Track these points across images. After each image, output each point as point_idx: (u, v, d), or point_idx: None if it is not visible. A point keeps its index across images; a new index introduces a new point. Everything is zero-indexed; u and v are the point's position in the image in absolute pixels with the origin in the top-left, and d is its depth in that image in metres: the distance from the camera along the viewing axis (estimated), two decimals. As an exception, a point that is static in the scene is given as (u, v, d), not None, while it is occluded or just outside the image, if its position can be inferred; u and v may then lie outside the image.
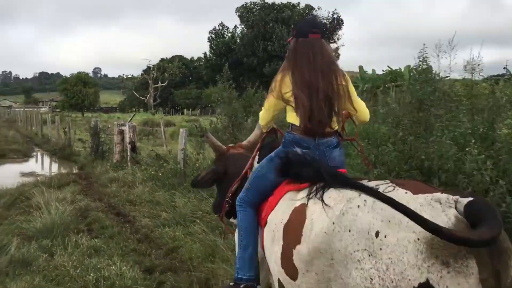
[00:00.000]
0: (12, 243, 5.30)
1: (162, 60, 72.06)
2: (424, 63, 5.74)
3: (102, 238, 6.00)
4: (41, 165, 15.61)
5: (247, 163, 2.97)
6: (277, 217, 2.37)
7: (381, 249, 1.68)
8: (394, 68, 34.24)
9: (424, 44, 5.85)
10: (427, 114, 5.22)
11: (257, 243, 2.61)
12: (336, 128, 2.54)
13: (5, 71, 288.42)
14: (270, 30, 24.72)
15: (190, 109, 68.81)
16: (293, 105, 2.48)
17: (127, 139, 11.60)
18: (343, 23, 27.18)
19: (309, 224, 2.05)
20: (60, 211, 6.61)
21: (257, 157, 2.94)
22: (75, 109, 51.79)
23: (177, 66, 63.19)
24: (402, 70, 33.72)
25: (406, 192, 1.75)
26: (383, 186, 1.83)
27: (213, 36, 27.48)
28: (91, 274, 4.66)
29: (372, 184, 1.90)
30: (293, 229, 2.16)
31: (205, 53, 28.03)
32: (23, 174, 12.68)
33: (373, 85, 34.13)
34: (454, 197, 1.64)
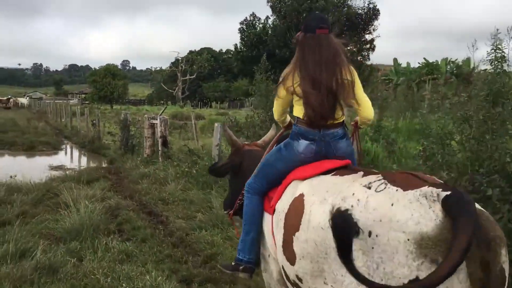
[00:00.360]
0: (39, 246, 4.87)
1: (190, 52, 71.96)
2: (499, 51, 5.00)
3: (134, 241, 5.54)
4: (70, 158, 15.38)
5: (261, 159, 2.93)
6: (281, 206, 2.45)
7: (373, 248, 1.74)
8: (430, 61, 33.12)
9: (496, 29, 5.14)
10: (506, 108, 4.50)
11: (259, 230, 2.72)
12: (341, 119, 2.59)
13: (36, 63, 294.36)
14: (303, 21, 23.87)
15: (219, 102, 68.59)
16: (299, 97, 2.55)
17: (158, 133, 11.16)
18: (379, 13, 26.09)
19: (307, 215, 2.13)
20: (89, 210, 6.18)
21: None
22: (104, 101, 52.08)
23: (206, 59, 62.90)
24: (439, 63, 32.62)
25: (397, 190, 1.81)
26: (376, 184, 1.91)
27: (244, 27, 26.81)
28: (123, 285, 4.19)
29: (365, 181, 1.97)
30: (293, 218, 2.24)
31: (236, 44, 27.32)
32: (52, 168, 12.43)
33: (408, 78, 33.02)
34: (436, 190, 1.71)
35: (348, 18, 24.75)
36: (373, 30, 26.56)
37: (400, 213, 1.71)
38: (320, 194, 2.13)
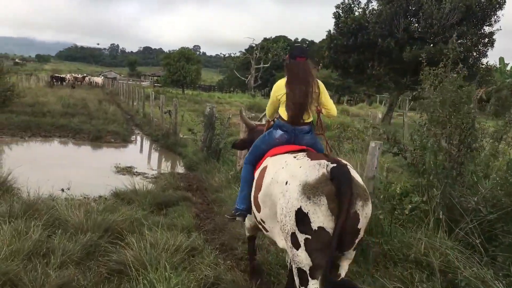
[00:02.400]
0: None
1: (265, 40, 69.09)
2: None
3: None
4: (140, 155, 12.79)
5: None
6: (257, 173, 3.70)
7: (287, 190, 2.92)
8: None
9: None
10: None
11: (251, 188, 3.77)
12: (308, 120, 3.79)
13: (113, 44, 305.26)
14: (414, 6, 19.94)
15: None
16: (282, 102, 3.81)
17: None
18: (504, 3, 21.53)
19: (265, 178, 3.37)
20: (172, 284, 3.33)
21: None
22: (176, 85, 50.48)
23: (282, 47, 59.63)
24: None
25: (307, 160, 3.03)
26: (299, 156, 3.17)
27: (340, 12, 23.19)
28: None
29: (297, 155, 3.22)
30: (260, 181, 3.47)
31: (329, 31, 23.78)
32: (118, 169, 9.88)
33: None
34: (327, 162, 2.89)
35: (467, 6, 20.46)
36: (494, 22, 21.98)
37: (300, 170, 2.95)
38: (274, 165, 3.35)
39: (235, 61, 64.99)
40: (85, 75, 62.18)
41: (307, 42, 79.62)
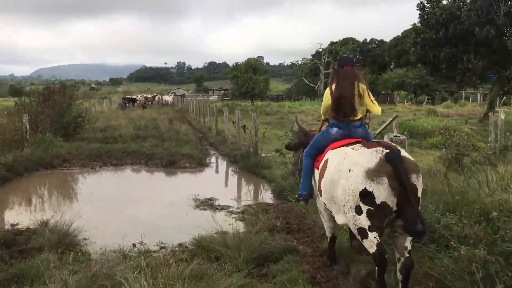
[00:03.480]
0: None
1: (332, 43, 66.67)
2: None
3: None
4: (219, 181, 11.23)
5: None
6: (320, 165, 4.33)
7: (350, 176, 3.63)
8: None
9: None
10: None
11: (311, 177, 4.76)
12: (358, 117, 4.40)
13: (180, 62, 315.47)
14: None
15: (363, 97, 62.31)
16: (333, 105, 4.43)
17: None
18: None
19: (328, 168, 4.05)
20: None
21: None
22: (244, 97, 49.50)
23: (352, 49, 56.97)
24: None
25: (364, 149, 3.74)
26: (357, 147, 3.87)
27: (425, 2, 20.58)
28: None
29: (354, 146, 3.93)
30: (323, 171, 4.17)
31: (415, 24, 21.21)
32: (198, 203, 8.35)
33: None
34: (382, 148, 3.58)
35: None
36: None
37: (361, 158, 3.65)
38: (335, 157, 4.02)
39: (303, 68, 63.01)
40: (155, 94, 63.09)
41: (376, 42, 76.05)
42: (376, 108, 4.47)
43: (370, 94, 4.45)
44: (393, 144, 3.90)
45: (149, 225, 7.06)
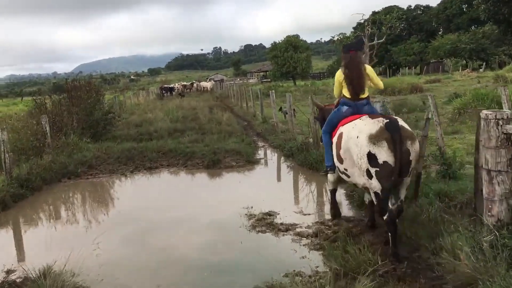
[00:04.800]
0: None
1: (374, 13, 62.59)
2: None
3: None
4: (276, 184, 9.03)
5: None
6: (335, 138, 5.10)
7: (358, 142, 4.43)
8: None
9: None
10: None
11: (331, 149, 5.28)
12: (365, 95, 5.19)
13: (216, 47, 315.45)
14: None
15: (413, 67, 58.20)
16: (344, 85, 5.24)
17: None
18: None
19: (343, 139, 4.81)
20: None
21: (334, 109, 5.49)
22: (286, 77, 46.92)
23: (397, 17, 52.90)
24: None
25: (369, 119, 4.52)
26: (363, 117, 4.66)
27: None
28: None
29: (361, 117, 4.74)
30: (339, 143, 4.93)
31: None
32: (253, 222, 6.24)
33: None
34: (383, 119, 4.39)
35: None
36: None
37: (365, 127, 4.43)
38: (347, 129, 4.81)
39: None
40: (193, 82, 61.53)
41: (421, 8, 71.09)
42: (380, 82, 5.50)
43: (373, 71, 5.38)
44: (394, 116, 4.78)
45: (189, 265, 5.02)
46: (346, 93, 5.20)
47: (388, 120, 4.37)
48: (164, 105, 28.35)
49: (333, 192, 6.07)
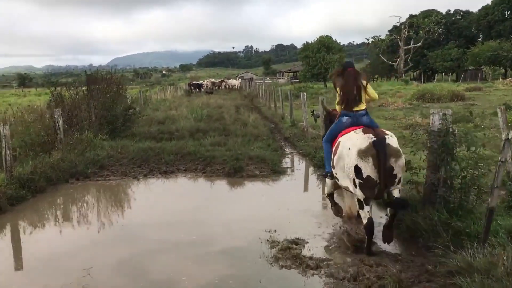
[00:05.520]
0: None
1: (411, 16, 60.43)
2: None
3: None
4: (304, 205, 7.89)
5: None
6: (334, 147, 5.44)
7: (349, 154, 4.90)
8: None
9: None
10: None
11: (331, 158, 5.55)
12: (363, 108, 5.53)
13: (247, 45, 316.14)
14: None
15: (449, 74, 55.86)
16: (340, 96, 5.65)
17: None
18: None
19: (338, 148, 5.21)
20: None
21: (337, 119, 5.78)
22: (317, 78, 45.57)
23: (436, 21, 50.80)
24: None
25: (362, 134, 4.94)
26: (357, 131, 5.08)
27: None
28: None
29: (356, 130, 5.16)
30: (335, 151, 5.30)
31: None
32: (276, 251, 5.30)
33: None
34: (372, 136, 4.80)
35: None
36: None
37: (357, 141, 4.87)
38: (343, 140, 5.20)
39: (379, 45, 57.47)
40: (222, 79, 60.78)
41: (461, 13, 68.38)
42: (375, 95, 5.79)
43: (370, 86, 5.70)
44: (384, 131, 4.98)
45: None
46: (345, 106, 5.58)
47: (375, 138, 4.76)
48: (191, 101, 27.56)
49: (331, 195, 6.31)
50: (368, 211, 4.86)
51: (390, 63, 55.49)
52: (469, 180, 5.18)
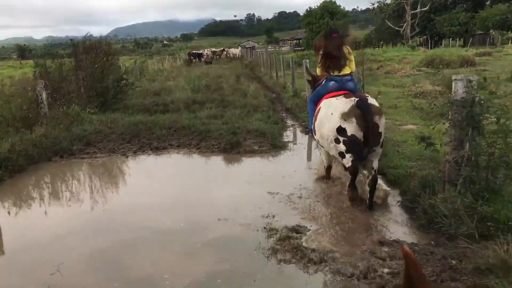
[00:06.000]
0: None
1: (418, -21, 58.23)
2: None
3: None
4: (305, 181, 7.16)
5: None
6: (316, 111, 5.66)
7: (331, 119, 5.10)
8: None
9: None
10: None
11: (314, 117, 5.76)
12: (348, 71, 5.68)
13: (249, 13, 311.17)
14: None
15: (457, 39, 54.20)
16: (321, 62, 5.81)
17: None
18: None
19: (319, 113, 5.46)
20: None
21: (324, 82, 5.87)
22: (320, 46, 44.15)
23: (443, -17, 48.95)
24: None
25: (343, 98, 5.14)
26: (339, 97, 5.26)
27: None
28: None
29: (338, 96, 5.34)
30: (317, 114, 5.55)
31: None
32: (274, 241, 4.63)
33: None
34: (355, 98, 4.99)
35: None
36: None
37: (340, 105, 5.06)
38: (324, 105, 5.44)
39: (385, 10, 55.61)
40: (223, 48, 59.43)
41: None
42: (354, 67, 5.84)
43: (353, 56, 5.83)
44: (365, 95, 5.29)
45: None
46: (327, 70, 5.75)
47: (358, 99, 4.97)
48: (189, 71, 26.63)
49: (329, 169, 6.32)
50: (350, 156, 5.07)
51: (396, 28, 53.80)
52: (497, 157, 4.43)
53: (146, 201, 6.03)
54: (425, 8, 51.46)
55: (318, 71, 5.95)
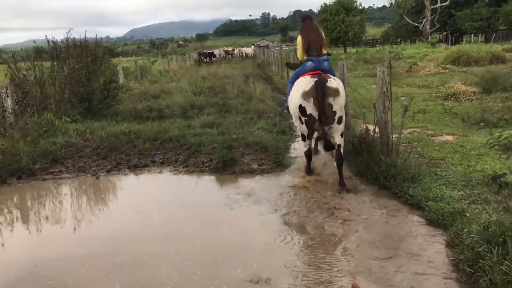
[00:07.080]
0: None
1: (438, -27, 55.80)
2: None
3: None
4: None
5: None
6: (293, 86, 6.05)
7: (296, 96, 5.63)
8: None
9: None
10: None
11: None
12: (325, 53, 6.01)
13: (264, 12, 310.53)
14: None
15: (479, 35, 51.78)
16: (302, 46, 6.09)
17: None
18: None
19: (292, 90, 5.96)
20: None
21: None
22: (335, 43, 42.37)
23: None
24: None
25: (310, 78, 5.57)
26: (307, 76, 5.66)
27: None
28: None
29: (306, 75, 5.71)
30: (291, 91, 6.02)
31: None
32: None
33: None
34: (316, 78, 5.45)
35: None
36: None
37: (304, 84, 5.56)
38: (296, 84, 5.84)
39: (403, 6, 53.31)
40: (237, 47, 57.94)
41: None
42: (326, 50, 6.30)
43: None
44: (327, 75, 5.63)
45: None
46: (308, 52, 5.98)
47: (317, 79, 5.43)
48: (197, 72, 25.14)
49: (309, 154, 6.26)
50: (308, 143, 6.00)
51: (416, 24, 51.58)
52: None
53: (105, 246, 4.46)
54: (446, 3, 49.15)
55: (299, 54, 6.33)
